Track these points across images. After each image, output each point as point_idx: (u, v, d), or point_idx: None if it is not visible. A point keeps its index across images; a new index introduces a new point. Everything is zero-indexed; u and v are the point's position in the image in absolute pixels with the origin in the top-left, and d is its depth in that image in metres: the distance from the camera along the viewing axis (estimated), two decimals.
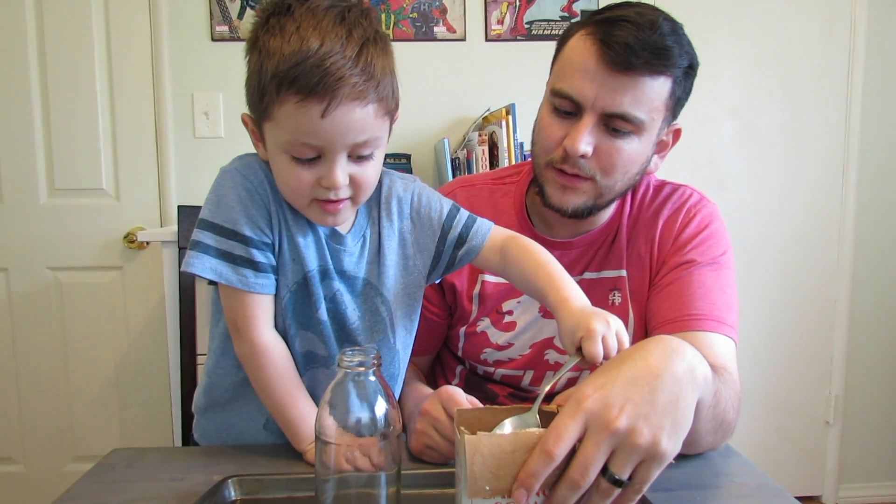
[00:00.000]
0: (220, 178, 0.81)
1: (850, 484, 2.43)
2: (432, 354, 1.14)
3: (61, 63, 2.08)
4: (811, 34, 2.27)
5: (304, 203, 0.78)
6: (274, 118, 0.74)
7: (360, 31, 0.73)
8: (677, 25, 0.92)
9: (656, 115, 0.92)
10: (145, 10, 2.09)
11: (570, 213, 0.97)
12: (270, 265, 0.80)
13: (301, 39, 0.70)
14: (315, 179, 0.76)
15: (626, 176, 0.96)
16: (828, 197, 2.33)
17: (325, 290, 0.83)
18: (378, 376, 0.62)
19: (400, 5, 2.14)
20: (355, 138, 0.74)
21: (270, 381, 0.81)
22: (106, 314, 2.17)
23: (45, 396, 2.19)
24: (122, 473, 0.81)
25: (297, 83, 0.70)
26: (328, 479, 0.62)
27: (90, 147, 2.11)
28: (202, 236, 0.78)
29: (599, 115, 0.90)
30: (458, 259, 0.90)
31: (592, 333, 0.67)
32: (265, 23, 0.74)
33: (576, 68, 0.91)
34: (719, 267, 0.99)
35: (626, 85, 0.88)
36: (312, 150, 0.74)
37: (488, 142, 1.93)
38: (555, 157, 0.95)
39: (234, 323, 0.82)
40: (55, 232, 2.13)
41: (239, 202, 0.78)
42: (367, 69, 0.72)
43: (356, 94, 0.71)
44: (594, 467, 0.56)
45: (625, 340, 0.69)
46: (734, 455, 0.86)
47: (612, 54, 0.87)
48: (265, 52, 0.72)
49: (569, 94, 0.92)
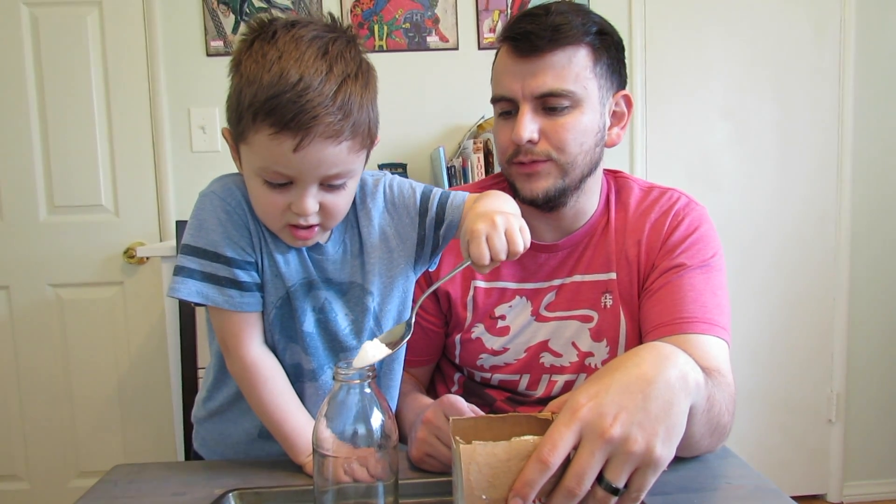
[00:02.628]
0: (199, 203, 0.82)
1: (855, 481, 2.43)
2: (432, 365, 1.15)
3: (58, 81, 2.09)
4: (802, 34, 2.28)
5: (277, 226, 0.80)
6: (249, 143, 0.75)
7: (341, 67, 0.73)
8: (576, 5, 1.00)
9: (588, 84, 0.97)
10: (141, 27, 2.11)
11: (543, 198, 1.00)
12: (255, 283, 0.82)
13: (281, 71, 0.70)
14: (286, 204, 0.77)
15: (582, 148, 0.98)
16: (823, 194, 2.34)
17: (313, 301, 0.84)
18: (374, 388, 0.63)
19: (392, 16, 2.16)
20: (326, 171, 0.75)
21: (262, 396, 0.83)
22: (107, 329, 2.18)
23: (48, 413, 2.19)
24: (124, 489, 0.81)
25: (273, 116, 0.70)
26: (327, 490, 0.63)
27: (88, 163, 2.12)
28: (186, 261, 0.80)
29: (532, 101, 0.97)
30: (442, 238, 0.90)
31: (475, 234, 0.69)
32: (249, 46, 0.74)
33: (499, 72, 1.01)
34: (709, 269, 1.00)
35: (542, 66, 0.96)
36: (284, 177, 0.75)
37: (483, 149, 1.94)
38: (510, 153, 1.00)
39: (224, 342, 0.83)
40: (55, 249, 2.14)
41: (219, 224, 0.80)
42: (345, 107, 0.72)
43: (330, 133, 0.72)
44: (589, 475, 0.57)
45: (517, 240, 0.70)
46: (731, 457, 0.87)
47: (520, 45, 0.96)
48: (245, 78, 0.73)
49: (501, 94, 1.00)
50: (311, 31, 0.74)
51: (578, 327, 1.04)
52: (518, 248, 0.70)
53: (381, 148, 0.85)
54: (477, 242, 0.68)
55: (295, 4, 2.13)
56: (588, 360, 1.04)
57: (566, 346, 1.04)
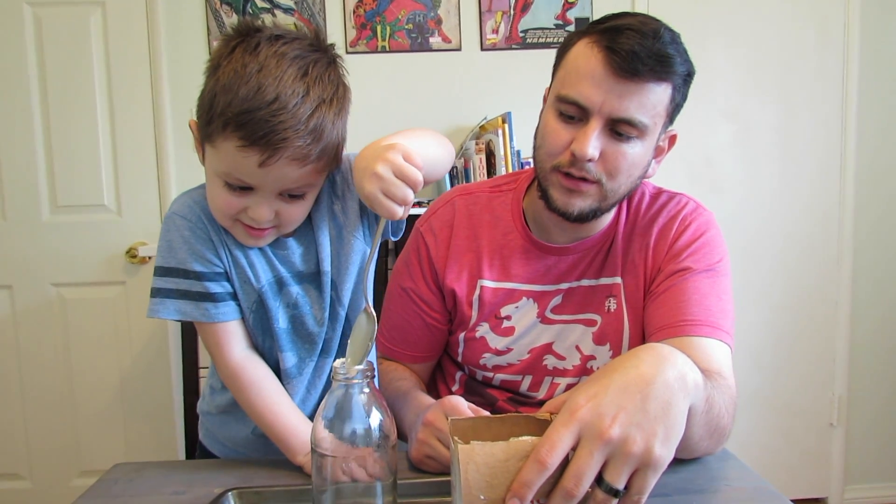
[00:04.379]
0: (164, 226, 0.84)
1: (856, 485, 2.43)
2: (434, 361, 1.15)
3: (61, 80, 2.10)
4: (806, 36, 2.28)
5: (229, 223, 0.81)
6: (216, 147, 0.75)
7: (318, 91, 0.73)
8: (676, 35, 0.94)
9: (658, 120, 0.94)
10: (144, 27, 2.12)
11: (574, 217, 0.98)
12: (227, 293, 0.84)
13: (258, 85, 0.70)
14: (242, 207, 0.78)
15: (629, 179, 0.97)
16: (825, 197, 2.34)
17: (285, 298, 0.86)
18: (372, 387, 0.63)
19: (395, 17, 2.16)
20: (287, 186, 0.76)
21: (250, 399, 0.85)
22: (109, 329, 2.19)
23: (50, 412, 2.20)
24: (124, 488, 0.81)
25: (244, 129, 0.71)
26: (325, 490, 0.63)
27: (91, 163, 2.13)
28: (160, 282, 0.83)
29: (606, 119, 0.92)
30: None
31: (372, 198, 0.67)
32: (230, 52, 0.74)
33: (582, 75, 0.92)
34: (715, 274, 1.00)
35: (631, 90, 0.90)
36: (245, 184, 0.76)
37: (485, 150, 1.94)
38: (561, 162, 0.95)
39: (210, 351, 0.86)
40: (58, 248, 2.15)
41: (184, 242, 0.82)
42: (316, 131, 0.73)
43: (298, 155, 0.73)
44: (588, 476, 0.56)
45: (412, 174, 0.67)
46: (731, 459, 0.87)
47: (618, 61, 0.89)
48: (221, 84, 0.72)
49: (576, 99, 0.92)
50: (294, 49, 0.74)
51: (582, 331, 1.04)
52: (416, 179, 0.67)
53: None
54: (380, 204, 0.66)
55: (298, 5, 2.13)
56: (590, 364, 1.04)
57: (570, 349, 1.04)
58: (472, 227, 1.07)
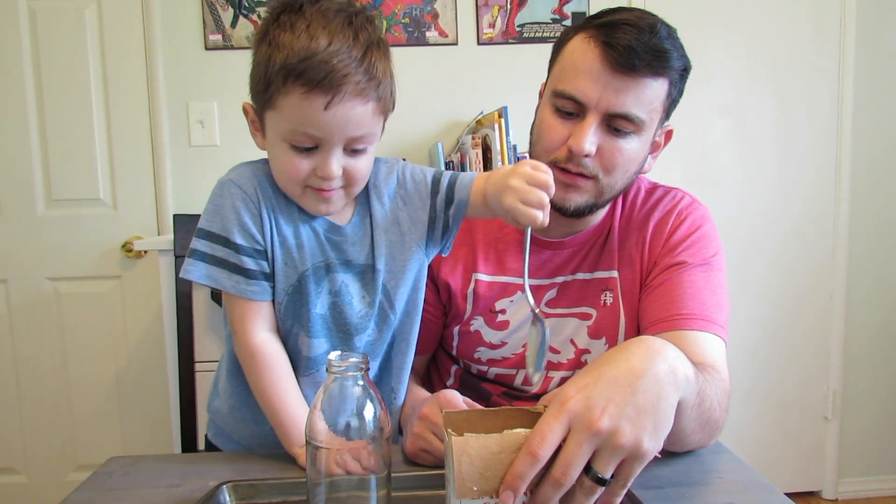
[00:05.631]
0: (216, 189, 0.85)
1: (850, 479, 2.44)
2: (429, 354, 1.15)
3: (56, 74, 2.09)
4: (802, 32, 2.28)
5: (299, 190, 0.82)
6: (278, 107, 0.78)
7: (365, 35, 0.78)
8: (673, 30, 0.94)
9: (654, 115, 0.94)
10: (139, 21, 2.11)
11: (571, 212, 0.99)
12: (262, 272, 0.84)
13: (311, 37, 0.75)
14: (311, 168, 0.80)
15: (626, 175, 0.97)
16: (821, 192, 2.34)
17: (329, 284, 0.86)
18: (367, 380, 0.63)
19: (392, 11, 2.16)
20: (353, 132, 0.78)
21: (260, 382, 0.85)
22: (105, 323, 2.18)
23: (46, 406, 2.20)
24: (119, 481, 0.82)
25: (305, 76, 0.74)
26: (319, 482, 0.63)
27: (87, 157, 2.12)
28: (198, 244, 0.82)
29: (602, 115, 0.92)
30: (452, 218, 0.91)
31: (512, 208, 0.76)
32: (276, 18, 0.78)
33: (579, 70, 0.93)
34: (710, 268, 1.01)
35: (628, 86, 0.91)
36: (311, 139, 0.78)
37: (481, 144, 1.94)
38: (558, 157, 0.96)
39: (233, 325, 0.86)
40: (53, 242, 2.14)
41: (232, 211, 0.82)
42: (370, 70, 0.77)
43: (358, 92, 0.76)
44: (576, 467, 0.57)
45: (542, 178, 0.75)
46: (724, 452, 0.87)
47: (615, 56, 0.89)
48: (275, 45, 0.76)
49: (572, 94, 0.93)
50: (335, 5, 0.79)
51: (577, 325, 1.04)
52: (548, 182, 0.74)
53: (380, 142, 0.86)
54: (520, 212, 0.72)
55: None
56: (585, 357, 1.04)
57: (564, 342, 1.05)
58: (467, 221, 1.08)
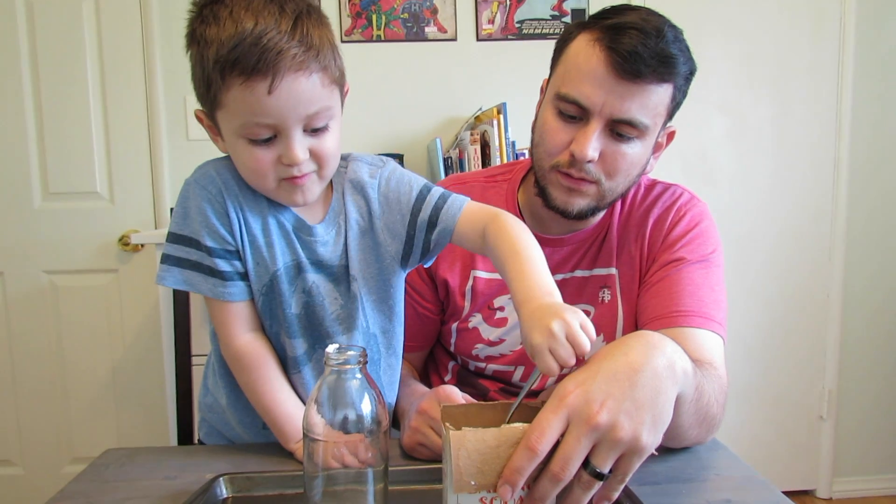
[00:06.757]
0: (182, 191, 0.82)
1: (844, 478, 2.45)
2: (426, 350, 1.15)
3: (54, 67, 2.08)
4: (801, 30, 2.28)
5: (271, 185, 0.79)
6: (224, 105, 0.75)
7: (291, 6, 0.74)
8: (678, 31, 0.93)
9: (658, 119, 0.94)
10: (137, 14, 2.10)
11: (573, 216, 0.99)
12: (237, 272, 0.82)
13: (235, 23, 0.72)
14: (275, 158, 0.77)
15: (628, 179, 0.97)
16: (819, 191, 2.35)
17: (301, 283, 0.84)
18: (365, 374, 0.63)
19: (391, 6, 2.15)
20: (306, 110, 0.75)
21: (250, 382, 0.84)
22: (101, 316, 2.18)
23: (42, 399, 2.19)
24: (115, 473, 0.81)
25: (239, 65, 0.71)
26: (316, 475, 0.63)
27: (84, 150, 2.12)
28: (171, 249, 0.81)
29: (606, 120, 0.91)
30: (433, 243, 0.87)
31: (537, 351, 0.63)
32: (199, 14, 0.76)
33: (584, 74, 0.91)
34: (708, 265, 1.01)
35: (633, 92, 0.89)
36: (267, 129, 0.75)
37: (480, 141, 1.94)
38: (560, 161, 0.95)
39: (215, 328, 0.85)
40: (50, 235, 2.14)
41: (199, 213, 0.80)
42: (305, 40, 0.73)
43: (297, 66, 0.73)
44: (575, 461, 0.57)
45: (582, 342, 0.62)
46: (721, 449, 0.87)
47: (620, 62, 0.87)
48: (204, 42, 0.74)
49: (576, 99, 0.91)
50: None
51: None
52: (585, 349, 0.63)
53: (378, 138, 0.85)
54: (542, 358, 0.62)
55: None
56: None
57: None
58: None
